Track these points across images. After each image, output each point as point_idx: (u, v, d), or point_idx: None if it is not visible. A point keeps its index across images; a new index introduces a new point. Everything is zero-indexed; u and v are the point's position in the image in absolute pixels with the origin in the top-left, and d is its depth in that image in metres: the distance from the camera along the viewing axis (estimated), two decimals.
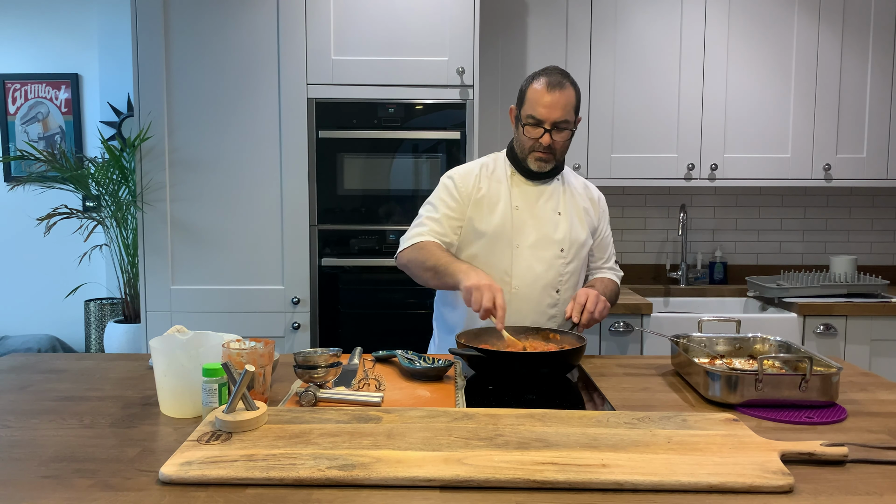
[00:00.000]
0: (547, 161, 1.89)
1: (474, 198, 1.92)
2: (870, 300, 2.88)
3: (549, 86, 1.82)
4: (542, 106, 1.82)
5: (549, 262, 1.91)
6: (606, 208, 2.10)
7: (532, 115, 1.84)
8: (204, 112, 2.72)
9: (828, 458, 1.08)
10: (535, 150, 1.88)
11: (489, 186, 1.93)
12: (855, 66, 3.07)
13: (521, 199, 1.93)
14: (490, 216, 1.91)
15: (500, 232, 1.90)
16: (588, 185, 2.08)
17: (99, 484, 1.02)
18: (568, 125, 1.86)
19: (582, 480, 0.99)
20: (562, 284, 1.93)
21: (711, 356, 1.66)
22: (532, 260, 1.91)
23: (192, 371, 1.29)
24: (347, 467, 1.02)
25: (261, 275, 2.77)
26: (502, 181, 1.95)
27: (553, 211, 1.94)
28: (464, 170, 1.99)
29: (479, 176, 1.95)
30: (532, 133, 1.85)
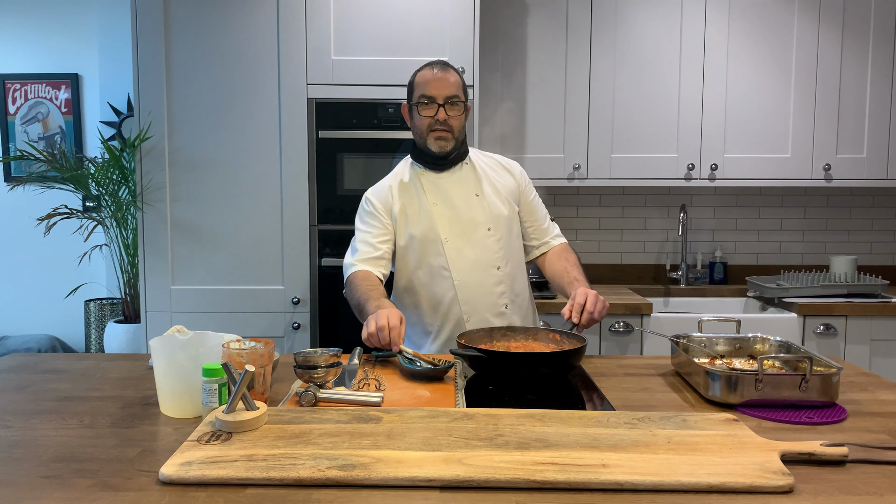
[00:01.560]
0: (446, 139, 1.93)
1: (394, 212, 1.98)
2: (870, 300, 2.88)
3: (434, 68, 1.93)
4: (431, 86, 1.90)
5: (480, 244, 1.96)
6: (524, 173, 2.13)
7: (424, 94, 1.91)
8: (204, 112, 2.72)
9: (828, 458, 1.08)
10: (433, 130, 1.92)
11: (404, 196, 1.99)
12: (855, 66, 3.07)
13: (435, 195, 1.98)
14: (413, 223, 1.96)
15: (427, 232, 1.95)
16: (501, 160, 2.11)
17: (99, 484, 1.02)
18: (460, 101, 1.92)
19: (582, 480, 0.99)
20: (500, 261, 1.98)
21: (711, 356, 1.66)
22: (463, 247, 1.95)
23: (192, 371, 1.29)
24: (347, 467, 1.02)
25: (261, 275, 2.77)
26: (415, 185, 2.00)
27: (470, 195, 1.98)
28: (377, 188, 2.04)
29: (393, 188, 2.00)
30: (427, 111, 1.91)
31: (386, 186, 2.03)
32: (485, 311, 1.95)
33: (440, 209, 1.96)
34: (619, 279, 3.45)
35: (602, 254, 3.46)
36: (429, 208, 1.96)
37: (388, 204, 1.99)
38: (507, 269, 1.99)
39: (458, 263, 1.94)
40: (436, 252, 1.95)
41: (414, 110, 1.95)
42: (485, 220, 1.97)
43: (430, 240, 1.95)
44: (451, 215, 1.96)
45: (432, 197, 1.98)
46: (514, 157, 3.08)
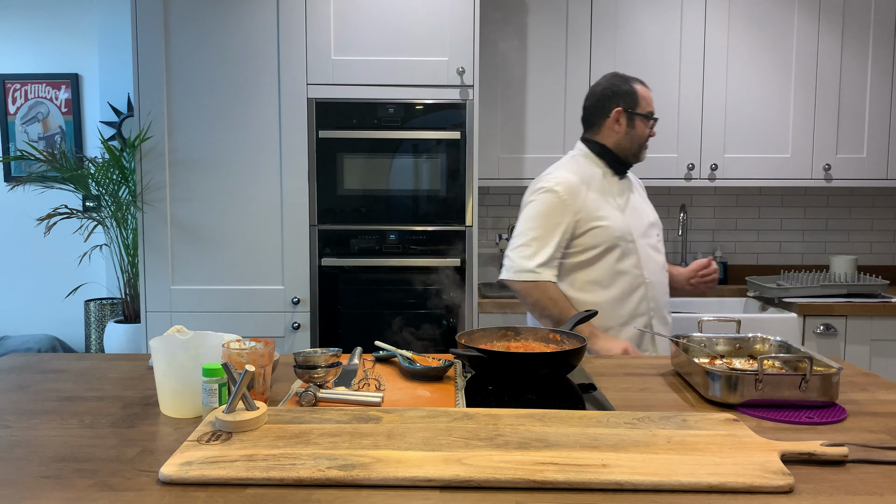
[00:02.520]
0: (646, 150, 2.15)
1: (584, 205, 2.01)
2: (870, 300, 2.88)
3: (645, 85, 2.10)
4: (651, 103, 2.09)
5: (656, 247, 2.12)
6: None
7: (651, 111, 2.08)
8: (204, 112, 2.72)
9: (828, 458, 1.08)
10: (645, 143, 2.10)
11: (594, 193, 2.04)
12: (855, 66, 3.07)
13: (621, 197, 2.09)
14: (610, 219, 2.02)
15: (624, 231, 2.03)
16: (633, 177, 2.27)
17: (99, 484, 1.02)
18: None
19: (582, 480, 0.99)
20: (666, 264, 2.16)
21: (711, 356, 1.65)
22: (648, 249, 2.08)
23: (192, 371, 1.29)
24: (347, 467, 1.02)
25: (261, 275, 2.77)
26: (600, 183, 2.07)
27: (640, 200, 2.16)
28: (564, 178, 2.04)
29: (582, 182, 2.04)
30: (648, 127, 2.08)
31: (575, 181, 2.04)
32: (662, 308, 2.10)
33: (629, 210, 2.07)
34: None
35: None
36: (621, 208, 2.06)
37: (578, 199, 2.02)
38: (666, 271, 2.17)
39: (647, 263, 2.06)
40: (629, 251, 2.04)
41: (638, 120, 2.06)
42: (654, 223, 2.15)
43: (627, 240, 2.03)
44: (637, 216, 2.09)
45: (620, 198, 2.08)
46: (513, 156, 3.09)
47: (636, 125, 2.07)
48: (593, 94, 2.12)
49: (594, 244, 2.02)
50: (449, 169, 2.73)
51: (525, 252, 2.01)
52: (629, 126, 2.07)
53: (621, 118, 2.07)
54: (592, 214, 2.01)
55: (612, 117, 2.08)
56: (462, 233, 2.76)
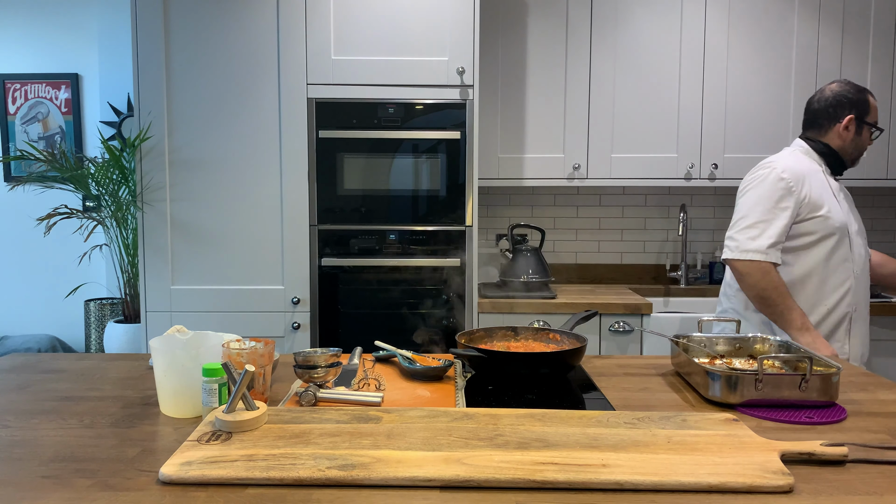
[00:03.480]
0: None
1: (807, 193, 2.08)
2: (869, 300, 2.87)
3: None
4: (877, 114, 2.19)
5: (864, 247, 2.18)
6: None
7: (878, 123, 2.18)
8: (204, 112, 2.72)
9: (828, 458, 1.08)
10: (864, 151, 2.20)
11: (816, 185, 2.11)
12: (855, 66, 3.07)
13: (837, 194, 2.17)
14: (833, 211, 2.10)
15: (843, 223, 2.10)
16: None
17: (99, 484, 1.02)
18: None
19: (582, 480, 0.99)
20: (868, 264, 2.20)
21: (711, 356, 1.66)
22: (859, 246, 2.15)
23: (192, 371, 1.29)
24: (347, 467, 1.02)
25: (261, 275, 2.77)
26: (820, 178, 2.15)
27: (850, 203, 2.23)
28: (787, 166, 2.12)
29: (804, 172, 2.11)
30: (872, 137, 2.18)
31: (799, 171, 2.11)
32: (863, 306, 2.16)
33: (843, 206, 2.15)
34: (619, 279, 3.46)
35: (602, 254, 3.46)
36: (836, 202, 2.12)
37: (804, 187, 2.09)
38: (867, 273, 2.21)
39: (857, 259, 2.13)
40: (844, 243, 2.11)
41: (865, 129, 2.16)
42: (861, 230, 2.21)
43: (843, 232, 2.10)
44: (850, 213, 2.17)
45: (838, 196, 2.16)
46: (513, 157, 3.09)
47: (863, 133, 2.17)
48: (825, 98, 2.20)
49: (812, 231, 2.09)
50: (449, 169, 2.73)
51: (751, 233, 2.07)
52: (857, 133, 2.18)
53: (851, 125, 2.17)
54: (815, 203, 2.08)
55: (844, 123, 2.17)
56: (462, 233, 2.76)
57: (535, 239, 3.43)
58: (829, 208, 2.10)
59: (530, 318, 2.81)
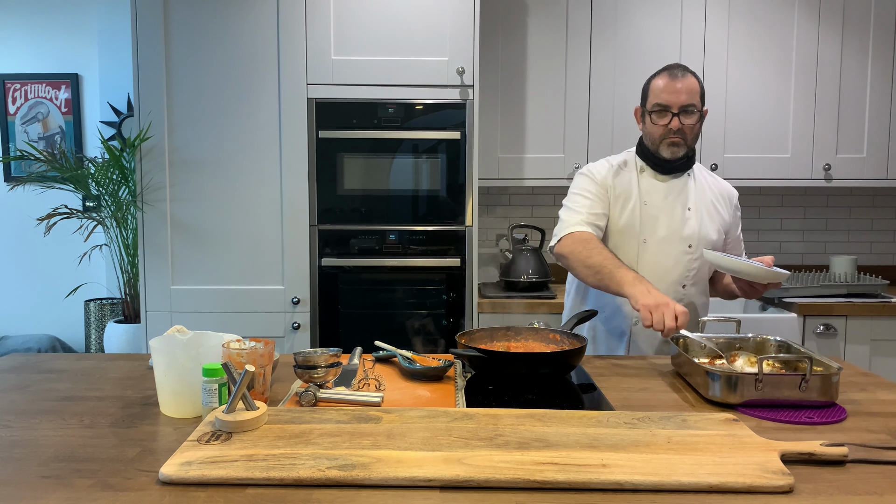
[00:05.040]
0: (679, 146, 1.94)
1: (609, 191, 2.00)
2: (870, 300, 2.88)
3: (671, 74, 1.92)
4: (667, 92, 1.90)
5: (675, 258, 1.97)
6: (738, 206, 2.14)
7: (658, 103, 1.92)
8: (204, 112, 2.72)
9: (828, 458, 1.08)
10: (666, 137, 1.93)
11: (620, 182, 2.00)
12: (855, 65, 3.07)
13: (650, 195, 1.99)
14: (621, 212, 1.98)
15: (629, 227, 1.97)
16: (721, 183, 2.10)
17: (99, 484, 1.02)
18: (695, 108, 1.91)
19: (582, 480, 0.99)
20: (688, 280, 1.99)
21: (711, 356, 1.66)
22: (659, 255, 1.96)
23: (192, 371, 1.29)
24: (347, 467, 1.02)
25: (261, 275, 2.77)
26: (633, 177, 2.01)
27: (683, 206, 1.99)
28: (596, 166, 2.05)
29: (611, 171, 2.02)
30: (660, 120, 1.92)
31: (607, 167, 2.04)
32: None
33: (649, 210, 1.98)
34: None
35: None
36: (639, 205, 1.97)
37: (606, 183, 2.00)
38: (691, 291, 2.00)
39: (649, 269, 1.95)
40: (628, 249, 1.97)
41: (647, 116, 1.96)
42: (689, 235, 1.97)
43: (629, 237, 1.97)
44: (658, 220, 1.97)
45: (646, 195, 1.99)
46: (514, 157, 3.09)
47: (646, 121, 1.99)
48: None
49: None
50: (449, 169, 2.73)
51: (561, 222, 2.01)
52: (643, 122, 2.03)
53: (638, 115, 2.05)
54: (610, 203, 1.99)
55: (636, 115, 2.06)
56: (462, 233, 2.76)
57: (535, 239, 3.42)
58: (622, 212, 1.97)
59: (530, 318, 2.81)
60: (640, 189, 1.99)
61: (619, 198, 1.99)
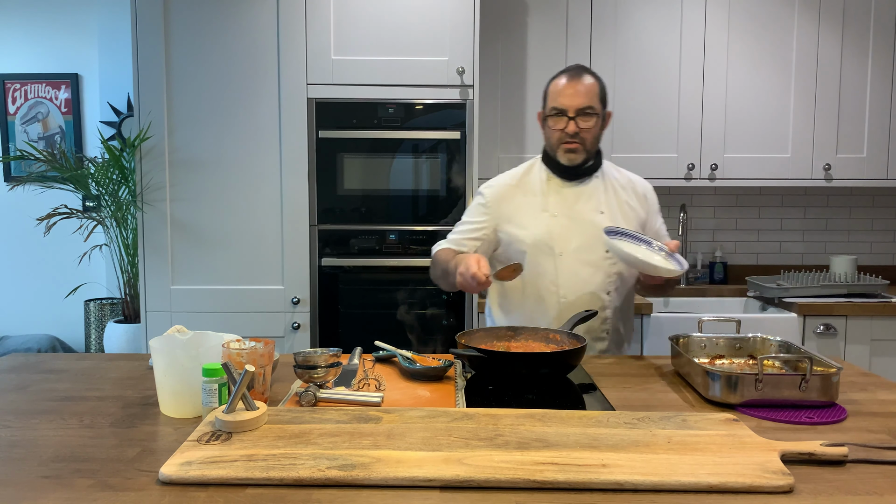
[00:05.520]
0: (576, 151, 1.86)
1: (506, 212, 1.92)
2: (870, 300, 2.88)
3: (568, 76, 1.85)
4: (563, 95, 1.83)
5: (595, 266, 1.88)
6: (656, 201, 2.06)
7: (554, 107, 1.84)
8: (204, 112, 2.72)
9: (828, 458, 1.08)
10: (562, 142, 1.85)
11: (524, 197, 1.93)
12: (855, 66, 3.07)
13: (558, 205, 1.90)
14: (528, 227, 1.89)
15: (541, 241, 1.88)
16: (633, 180, 2.03)
17: (99, 484, 1.02)
18: (593, 111, 1.83)
19: (582, 480, 0.99)
20: (611, 286, 1.90)
21: (711, 356, 1.66)
22: (577, 266, 1.88)
23: (192, 371, 1.29)
24: (347, 467, 1.02)
25: (261, 275, 2.77)
26: (537, 189, 1.93)
27: (594, 211, 1.90)
28: (497, 182, 1.98)
29: (514, 187, 1.95)
30: (556, 124, 1.85)
31: (505, 183, 1.96)
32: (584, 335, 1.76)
33: (560, 221, 1.88)
34: None
35: None
36: (548, 218, 1.89)
37: (500, 202, 1.93)
38: (615, 297, 1.92)
39: (568, 280, 1.87)
40: (546, 265, 1.88)
41: (547, 119, 1.89)
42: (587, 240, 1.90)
43: (543, 251, 1.87)
44: (572, 229, 1.88)
45: (555, 207, 1.90)
46: (514, 157, 3.09)
47: (546, 125, 1.90)
48: None
49: (511, 253, 1.92)
50: (449, 169, 2.73)
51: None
52: (543, 127, 1.93)
53: (539, 119, 1.95)
54: (512, 220, 1.91)
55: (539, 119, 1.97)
56: None
57: None
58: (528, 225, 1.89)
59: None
60: (548, 200, 1.91)
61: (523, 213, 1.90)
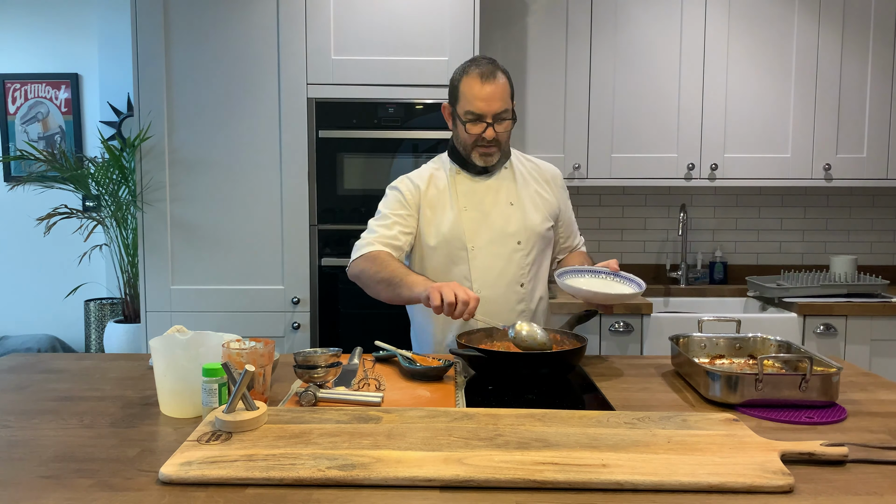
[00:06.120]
0: (492, 154, 1.84)
1: (421, 206, 1.87)
2: (870, 300, 2.88)
3: (483, 77, 1.76)
4: (480, 100, 1.76)
5: (507, 258, 1.86)
6: (564, 185, 2.02)
7: (471, 111, 1.78)
8: (204, 112, 2.72)
9: (828, 458, 1.08)
10: (478, 146, 1.82)
11: (434, 193, 1.88)
12: (855, 66, 3.07)
13: (468, 199, 1.87)
14: (439, 224, 1.86)
15: (452, 237, 1.84)
16: (540, 165, 1.99)
17: (99, 484, 1.02)
18: (508, 114, 1.80)
19: (582, 480, 0.99)
20: (524, 278, 1.88)
21: (711, 356, 1.66)
22: (489, 259, 1.85)
23: (192, 371, 1.29)
24: (347, 467, 1.02)
25: (261, 275, 2.77)
26: (447, 184, 1.89)
27: (504, 203, 1.88)
28: (407, 178, 1.92)
29: (425, 183, 1.89)
30: (475, 129, 1.79)
31: (418, 178, 1.91)
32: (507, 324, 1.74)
33: (470, 215, 1.86)
34: None
35: (602, 254, 3.45)
36: (458, 212, 1.86)
37: (417, 197, 1.88)
38: (531, 287, 1.90)
39: (481, 274, 1.85)
40: (459, 259, 1.85)
41: (458, 120, 1.83)
42: (516, 231, 1.86)
43: (456, 246, 1.85)
44: (482, 223, 1.86)
45: (464, 200, 1.87)
46: None
47: (457, 125, 1.84)
48: None
49: (421, 247, 1.89)
50: None
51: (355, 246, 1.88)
52: (454, 125, 1.87)
53: (447, 114, 1.89)
54: (424, 214, 1.87)
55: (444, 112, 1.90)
56: None
57: None
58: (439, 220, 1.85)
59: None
60: (457, 194, 1.87)
61: (434, 209, 1.87)
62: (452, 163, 1.92)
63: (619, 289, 1.76)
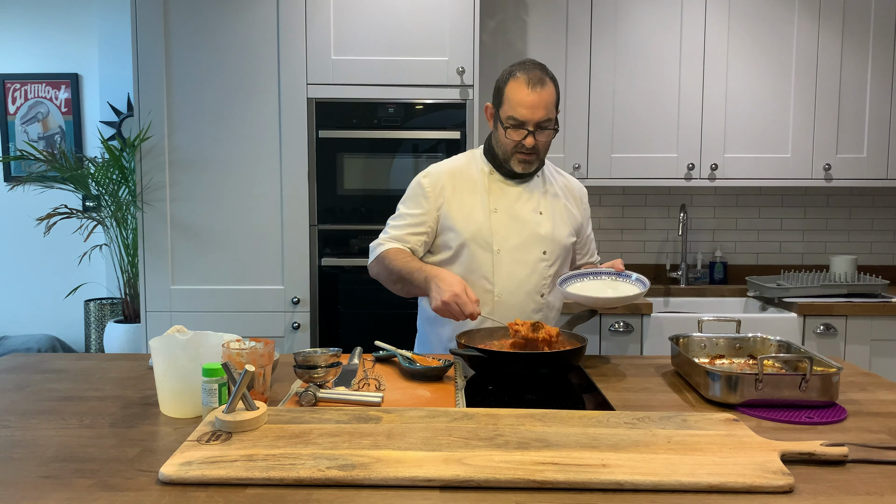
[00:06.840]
0: (531, 163, 1.82)
1: (447, 201, 1.84)
2: (870, 300, 2.88)
3: (530, 84, 1.74)
4: (524, 107, 1.74)
5: (531, 266, 1.84)
6: (588, 205, 2.02)
7: (513, 117, 1.76)
8: (204, 112, 2.72)
9: (828, 458, 1.08)
10: (518, 152, 1.79)
11: (464, 189, 1.86)
12: (855, 66, 3.07)
13: (499, 201, 1.85)
14: (466, 220, 1.83)
15: (478, 237, 1.82)
16: (570, 181, 1.99)
17: (99, 484, 1.02)
18: (551, 124, 1.78)
19: (582, 480, 0.99)
20: (545, 288, 1.87)
21: (711, 356, 1.66)
22: (513, 265, 1.83)
23: (192, 371, 1.29)
24: (347, 467, 1.02)
25: (261, 275, 2.77)
26: (478, 182, 1.86)
27: (534, 211, 1.86)
28: (437, 170, 1.89)
29: (453, 178, 1.87)
30: (515, 135, 1.77)
31: (446, 173, 1.87)
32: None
33: (500, 217, 1.83)
34: None
35: (602, 254, 3.44)
36: (487, 213, 1.83)
37: (441, 190, 1.84)
38: (549, 298, 1.89)
39: (504, 280, 1.82)
40: (484, 261, 1.82)
41: (499, 124, 1.80)
42: (543, 241, 1.85)
43: (481, 246, 1.82)
44: (511, 227, 1.83)
45: (495, 202, 1.84)
46: None
47: (498, 129, 1.81)
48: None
49: (447, 244, 1.85)
50: None
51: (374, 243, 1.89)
52: (494, 127, 1.84)
53: (489, 114, 1.86)
54: (452, 210, 1.83)
55: (487, 112, 1.87)
56: None
57: None
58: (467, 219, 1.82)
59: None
60: (488, 195, 1.84)
61: (462, 205, 1.83)
62: (486, 162, 1.90)
63: (621, 290, 1.75)
